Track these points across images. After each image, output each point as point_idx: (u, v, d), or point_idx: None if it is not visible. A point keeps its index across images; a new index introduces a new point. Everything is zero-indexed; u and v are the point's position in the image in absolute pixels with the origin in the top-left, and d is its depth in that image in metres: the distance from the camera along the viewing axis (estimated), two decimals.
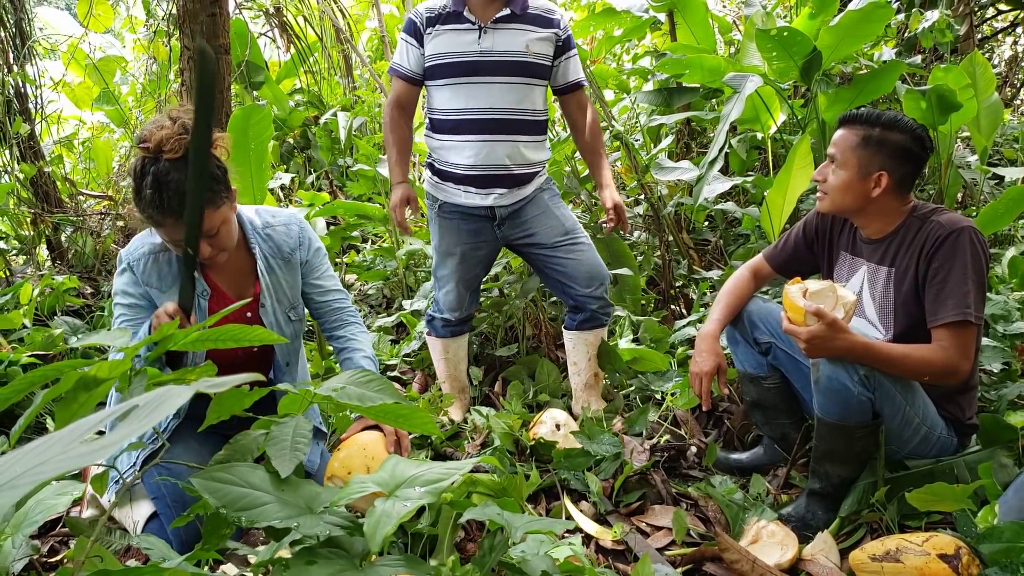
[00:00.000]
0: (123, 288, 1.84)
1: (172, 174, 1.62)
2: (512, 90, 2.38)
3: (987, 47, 6.93)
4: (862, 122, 1.90)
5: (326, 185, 5.53)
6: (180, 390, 0.49)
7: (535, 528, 0.98)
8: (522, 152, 2.45)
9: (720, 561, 1.82)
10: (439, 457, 2.53)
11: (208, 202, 1.66)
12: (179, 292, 1.58)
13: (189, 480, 0.83)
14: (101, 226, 4.24)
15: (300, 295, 2.05)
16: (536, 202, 2.54)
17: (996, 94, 3.52)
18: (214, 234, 1.72)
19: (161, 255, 1.85)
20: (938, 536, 1.65)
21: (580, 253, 2.53)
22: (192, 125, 1.43)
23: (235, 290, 1.95)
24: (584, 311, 2.59)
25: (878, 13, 3.01)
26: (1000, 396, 2.17)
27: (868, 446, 1.87)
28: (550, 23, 2.41)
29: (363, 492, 0.84)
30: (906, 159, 1.87)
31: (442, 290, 2.66)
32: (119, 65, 5.33)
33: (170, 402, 0.49)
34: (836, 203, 1.96)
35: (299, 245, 2.01)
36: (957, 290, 1.77)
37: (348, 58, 6.68)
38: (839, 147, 1.93)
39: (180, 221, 1.62)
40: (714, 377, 2.10)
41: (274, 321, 1.98)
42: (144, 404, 0.50)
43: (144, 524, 1.98)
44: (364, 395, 0.93)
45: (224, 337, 0.97)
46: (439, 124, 2.46)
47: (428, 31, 2.38)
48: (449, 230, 2.55)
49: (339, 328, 2.09)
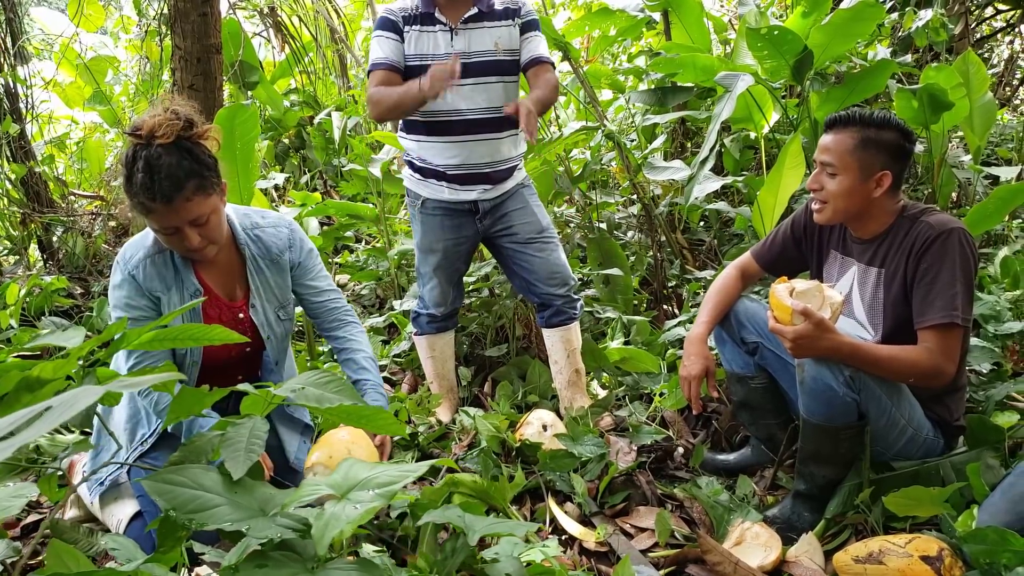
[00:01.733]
0: (125, 302, 1.81)
1: (164, 158, 1.62)
2: (486, 90, 2.40)
3: (986, 47, 6.91)
4: (856, 124, 1.86)
5: (320, 185, 5.52)
6: (92, 390, 0.48)
7: (495, 531, 0.96)
8: (499, 149, 2.47)
9: (703, 563, 1.80)
10: (425, 458, 2.51)
11: (199, 188, 1.66)
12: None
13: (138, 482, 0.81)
14: (92, 226, 4.23)
15: (289, 295, 2.05)
16: (517, 197, 2.57)
17: (990, 93, 3.50)
18: (203, 223, 1.71)
19: (157, 256, 1.83)
20: (920, 538, 1.63)
21: (549, 252, 2.57)
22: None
23: (225, 290, 1.94)
24: (549, 307, 2.61)
25: (868, 12, 2.99)
26: (988, 397, 2.15)
27: (854, 447, 1.85)
28: (514, 13, 2.43)
29: (315, 494, 0.83)
30: (901, 156, 1.85)
31: (426, 286, 2.67)
32: (111, 65, 5.32)
33: (82, 401, 0.47)
34: (839, 210, 1.90)
35: (289, 247, 2.00)
36: (945, 292, 1.75)
37: (343, 58, 6.67)
38: (835, 152, 1.86)
39: (170, 206, 1.63)
40: (703, 380, 2.09)
41: (265, 321, 1.97)
42: (58, 403, 0.49)
43: (127, 523, 1.97)
44: (322, 396, 0.91)
45: (183, 336, 0.95)
46: (415, 126, 2.46)
47: (406, 29, 2.37)
48: (431, 226, 2.56)
49: (337, 328, 2.08)
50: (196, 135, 1.71)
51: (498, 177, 2.50)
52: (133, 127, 1.68)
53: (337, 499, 0.81)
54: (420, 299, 2.74)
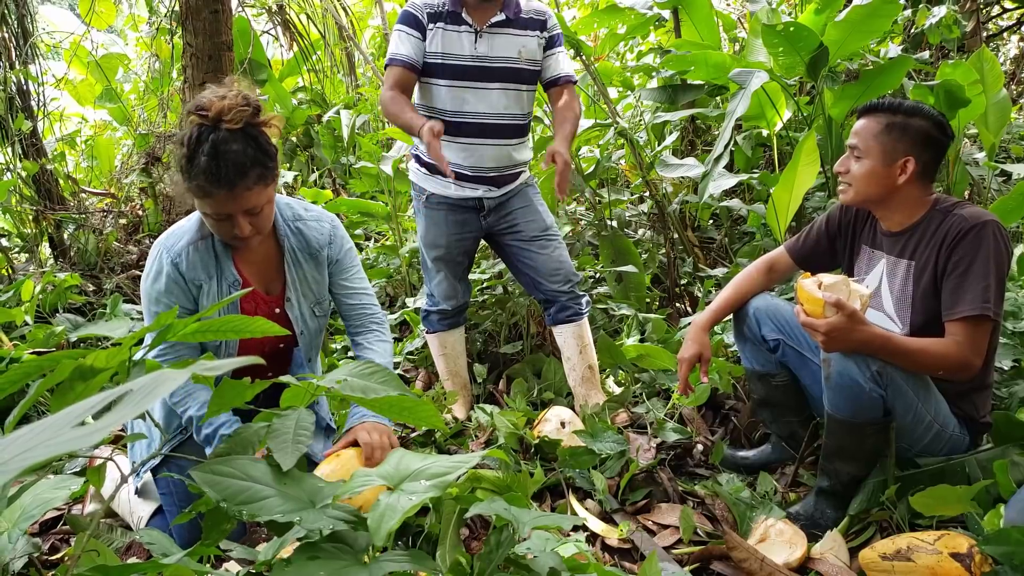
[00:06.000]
0: (158, 296, 1.78)
1: (231, 144, 1.60)
2: (504, 96, 2.43)
3: (992, 45, 6.90)
4: (884, 110, 1.88)
5: (329, 183, 5.51)
6: (174, 373, 0.47)
7: (543, 524, 0.96)
8: (510, 154, 2.51)
9: (728, 560, 1.79)
10: (442, 455, 2.50)
11: (260, 178, 1.65)
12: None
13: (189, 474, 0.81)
14: (104, 224, 4.23)
15: (325, 292, 2.01)
16: (522, 195, 2.60)
17: (1004, 91, 3.49)
18: (257, 212, 1.69)
19: (200, 243, 1.80)
20: (950, 535, 1.62)
21: (552, 250, 2.59)
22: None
23: (262, 282, 1.91)
24: (555, 303, 2.62)
25: (885, 8, 2.98)
26: (1011, 394, 2.14)
27: (879, 443, 1.84)
28: (541, 25, 2.46)
29: (368, 485, 0.82)
30: (929, 145, 1.85)
31: (433, 280, 2.69)
32: (121, 62, 5.31)
33: (164, 385, 0.46)
34: (861, 193, 1.91)
35: (329, 243, 1.96)
36: (976, 284, 1.74)
37: (351, 56, 6.66)
38: (861, 136, 1.89)
39: (231, 193, 1.61)
40: (695, 365, 2.10)
41: (299, 315, 1.95)
42: (138, 388, 0.48)
43: (148, 520, 1.97)
44: (368, 387, 0.91)
45: (225, 328, 0.95)
46: (427, 119, 2.45)
47: (430, 26, 2.37)
48: (436, 221, 2.57)
49: (360, 333, 2.04)
50: (262, 123, 1.70)
51: (503, 180, 2.54)
52: (197, 106, 1.64)
53: (391, 490, 0.81)
54: (429, 296, 2.74)
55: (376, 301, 2.09)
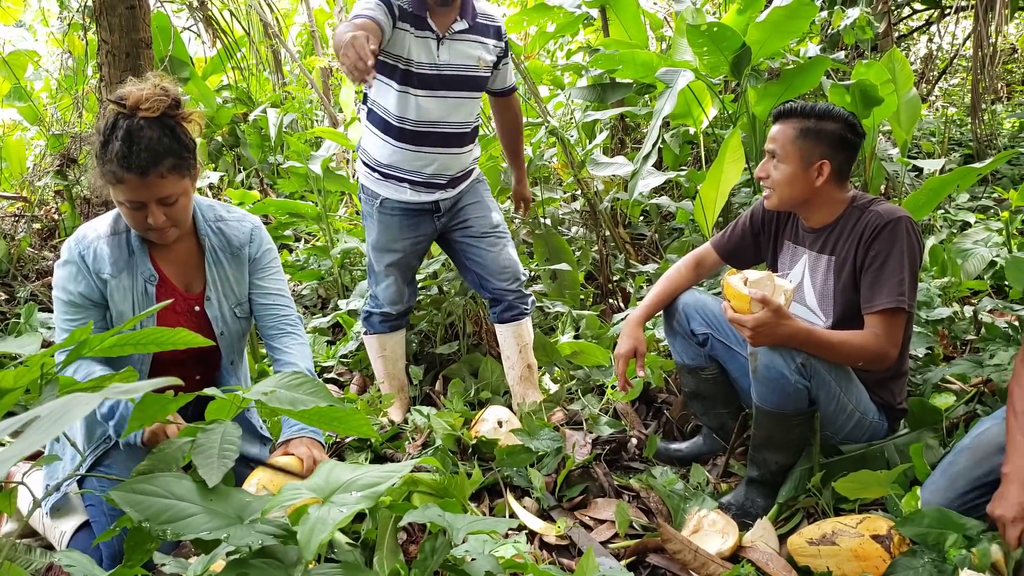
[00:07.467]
0: (63, 284, 1.77)
1: (145, 131, 1.61)
2: (464, 103, 2.44)
3: (903, 45, 7.21)
4: (797, 115, 1.94)
5: (256, 183, 5.39)
6: (87, 398, 0.45)
7: (478, 528, 0.96)
8: (464, 160, 2.54)
9: (663, 552, 1.83)
10: (379, 459, 2.48)
11: (174, 168, 1.65)
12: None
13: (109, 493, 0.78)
14: (15, 229, 4.03)
15: (247, 292, 1.98)
16: (472, 191, 2.62)
17: (914, 89, 3.65)
18: (172, 203, 1.68)
19: (112, 238, 1.79)
20: (872, 518, 1.69)
21: (501, 248, 2.60)
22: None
23: (181, 280, 1.89)
24: (501, 302, 2.63)
25: (803, 10, 3.08)
26: (925, 380, 2.24)
27: (804, 433, 1.90)
28: (496, 32, 2.46)
29: (296, 499, 0.80)
30: (842, 146, 1.92)
31: (380, 285, 2.64)
32: (31, 59, 5.07)
33: (75, 411, 0.44)
34: (784, 197, 1.97)
35: (250, 241, 1.95)
36: (892, 278, 1.82)
37: (277, 53, 6.51)
38: (779, 142, 1.95)
39: (143, 180, 1.61)
40: (631, 359, 2.16)
41: (219, 315, 1.91)
42: (47, 414, 0.46)
43: (71, 536, 1.89)
44: (296, 399, 0.89)
45: (145, 341, 0.91)
46: (385, 125, 2.43)
47: (399, 23, 2.27)
48: (389, 226, 2.53)
49: (276, 337, 1.99)
50: (181, 116, 1.70)
51: (455, 182, 2.55)
52: (118, 96, 1.65)
53: (320, 503, 0.79)
54: (373, 298, 2.70)
55: (292, 304, 2.05)
